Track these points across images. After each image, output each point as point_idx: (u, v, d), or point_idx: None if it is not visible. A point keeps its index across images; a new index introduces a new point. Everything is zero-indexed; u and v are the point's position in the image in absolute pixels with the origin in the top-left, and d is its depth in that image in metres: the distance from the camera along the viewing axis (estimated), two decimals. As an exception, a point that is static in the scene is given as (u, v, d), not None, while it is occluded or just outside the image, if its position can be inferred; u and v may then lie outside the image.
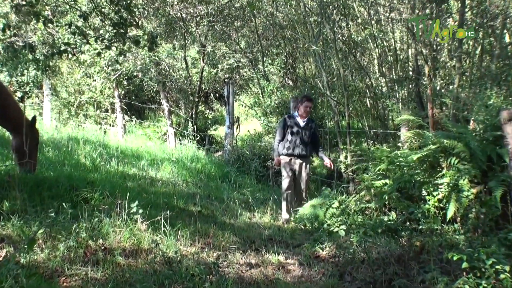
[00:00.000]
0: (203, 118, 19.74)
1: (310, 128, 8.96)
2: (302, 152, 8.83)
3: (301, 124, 8.88)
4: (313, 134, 9.00)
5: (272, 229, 7.85)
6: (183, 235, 6.19)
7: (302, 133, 8.85)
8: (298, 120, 8.92)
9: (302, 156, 8.84)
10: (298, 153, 8.81)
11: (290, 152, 8.82)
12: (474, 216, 5.93)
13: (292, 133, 8.86)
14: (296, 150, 8.80)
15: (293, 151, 8.81)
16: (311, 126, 8.99)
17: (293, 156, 8.83)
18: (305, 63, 18.96)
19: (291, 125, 8.89)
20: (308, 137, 8.89)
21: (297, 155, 8.82)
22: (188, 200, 8.67)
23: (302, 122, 8.90)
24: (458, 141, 6.34)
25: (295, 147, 8.81)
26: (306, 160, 8.93)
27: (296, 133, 8.85)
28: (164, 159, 11.90)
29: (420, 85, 10.58)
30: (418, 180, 6.73)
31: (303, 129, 8.87)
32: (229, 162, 12.95)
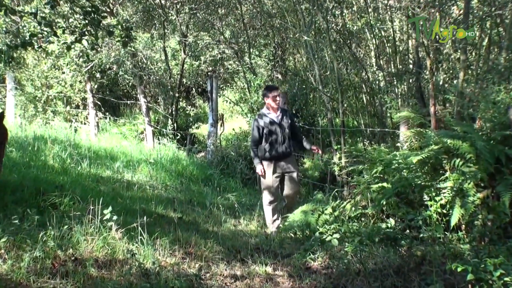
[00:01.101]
0: (184, 115, 19.66)
1: (287, 118, 8.59)
2: (287, 150, 8.49)
3: (276, 120, 8.50)
4: (291, 125, 8.66)
5: (259, 238, 7.84)
6: (161, 244, 6.16)
7: (281, 129, 8.48)
8: (271, 116, 8.53)
9: (287, 154, 8.52)
10: (283, 152, 8.46)
11: (273, 154, 8.45)
12: (481, 223, 5.94)
13: (270, 133, 8.46)
14: (279, 149, 8.44)
15: (277, 152, 8.45)
16: (287, 115, 8.64)
17: (278, 159, 8.48)
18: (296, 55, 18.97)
19: (265, 125, 8.47)
20: (288, 130, 8.54)
21: (282, 155, 8.47)
22: (168, 205, 8.65)
23: (276, 117, 8.53)
24: (463, 141, 6.34)
25: (278, 147, 8.44)
26: (291, 157, 8.65)
27: (274, 132, 8.46)
28: (141, 161, 11.86)
29: (421, 80, 10.61)
30: (418, 183, 6.73)
31: (280, 125, 8.50)
32: (213, 163, 12.93)
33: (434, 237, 5.89)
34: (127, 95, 21.57)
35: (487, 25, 9.91)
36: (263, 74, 18.48)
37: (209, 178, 11.71)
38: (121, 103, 20.00)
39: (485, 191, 6.18)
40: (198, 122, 20.24)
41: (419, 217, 6.14)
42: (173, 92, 18.03)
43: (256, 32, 18.56)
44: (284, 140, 8.48)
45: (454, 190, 6.21)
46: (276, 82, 16.72)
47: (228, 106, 19.10)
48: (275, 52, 18.62)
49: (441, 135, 6.80)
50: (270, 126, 8.46)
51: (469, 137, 6.39)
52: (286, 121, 8.56)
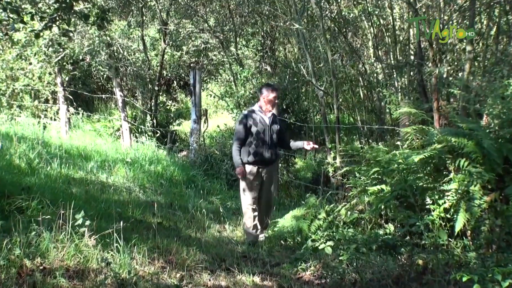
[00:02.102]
0: (164, 111, 19.64)
1: (277, 124, 8.30)
2: (272, 156, 8.19)
3: (267, 121, 8.18)
4: (280, 131, 8.37)
5: (246, 245, 7.83)
6: (139, 252, 6.13)
7: (269, 132, 8.14)
8: (261, 116, 8.20)
9: (272, 161, 8.25)
10: (268, 159, 8.14)
11: (258, 158, 8.07)
12: (488, 229, 5.95)
13: (258, 134, 8.08)
14: (265, 155, 8.10)
15: (262, 156, 8.09)
16: (277, 121, 8.35)
17: (261, 164, 8.13)
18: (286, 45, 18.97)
19: (255, 123, 8.12)
20: (276, 136, 8.22)
21: (267, 162, 8.16)
22: (146, 209, 8.62)
23: (267, 118, 8.21)
24: (468, 139, 6.35)
25: (263, 152, 8.09)
26: (275, 165, 8.64)
27: (262, 133, 8.10)
28: (117, 160, 11.82)
29: (423, 72, 10.63)
30: (420, 186, 6.75)
31: (270, 127, 8.17)
32: (195, 163, 12.91)
33: (437, 244, 5.90)
34: (101, 88, 21.51)
35: (495, 12, 9.95)
36: (251, 65, 18.44)
37: (192, 180, 11.69)
38: (95, 97, 19.93)
39: (492, 194, 6.19)
40: (180, 118, 20.20)
41: (420, 222, 6.13)
42: (152, 86, 18.01)
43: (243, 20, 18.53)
44: (271, 145, 8.16)
45: (459, 192, 6.23)
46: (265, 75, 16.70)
47: (213, 100, 19.13)
48: (263, 41, 18.61)
49: (445, 132, 6.82)
50: (259, 125, 8.10)
51: (475, 135, 6.41)
52: (276, 126, 8.25)
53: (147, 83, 18.29)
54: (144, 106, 17.99)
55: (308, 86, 14.31)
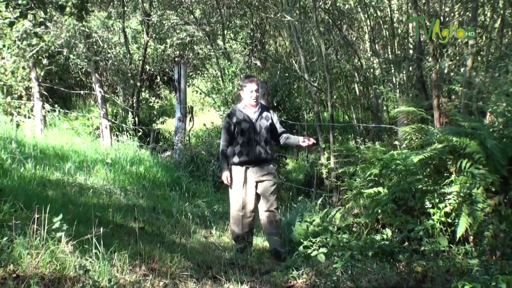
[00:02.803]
0: (147, 108, 19.63)
1: (266, 119, 8.12)
2: (261, 155, 7.99)
3: (252, 117, 8.07)
4: (272, 127, 8.17)
5: (234, 251, 7.82)
6: (120, 258, 6.10)
7: (256, 129, 8.01)
8: (246, 112, 8.11)
9: (261, 160, 8.01)
10: (255, 157, 7.97)
11: (243, 159, 7.97)
12: (491, 235, 5.95)
13: (243, 132, 8.00)
14: (251, 154, 7.96)
15: (248, 156, 7.96)
16: (268, 116, 8.16)
17: (249, 164, 7.99)
18: (277, 38, 19.00)
19: (238, 121, 8.04)
20: (266, 132, 8.04)
21: (254, 161, 7.98)
22: (127, 213, 8.59)
23: (253, 114, 8.09)
24: (471, 138, 6.35)
25: (249, 150, 7.96)
26: (269, 165, 8.13)
27: (247, 131, 8.00)
28: (96, 161, 11.79)
29: (423, 68, 10.65)
30: (419, 188, 6.75)
31: (256, 124, 8.04)
32: (180, 164, 12.90)
33: (437, 250, 5.90)
34: (80, 84, 21.48)
35: (499, 4, 9.97)
36: (239, 60, 18.48)
37: (176, 182, 11.67)
38: (72, 93, 19.86)
39: (496, 197, 6.20)
40: (164, 116, 20.17)
41: (420, 227, 6.14)
42: (134, 81, 17.98)
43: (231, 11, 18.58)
44: (259, 142, 8.00)
45: (460, 195, 6.23)
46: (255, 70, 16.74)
47: (199, 97, 19.10)
48: (253, 34, 18.65)
49: (446, 132, 6.82)
50: (242, 124, 8.02)
51: (478, 134, 6.41)
52: (265, 121, 8.08)
53: (129, 78, 18.26)
54: (126, 103, 17.96)
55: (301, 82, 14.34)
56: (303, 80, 12.99)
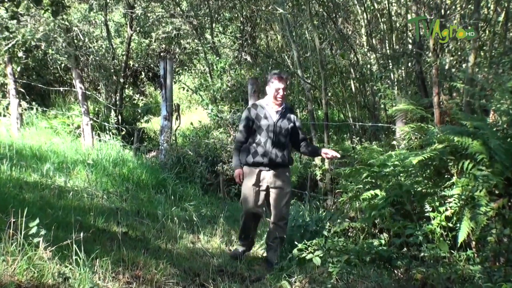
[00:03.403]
0: (130, 106, 19.59)
1: (289, 121, 7.81)
2: (277, 159, 7.66)
3: (273, 117, 7.74)
4: (293, 130, 7.85)
5: (223, 258, 7.82)
6: (102, 265, 6.09)
7: (276, 130, 7.69)
8: (268, 110, 7.79)
9: (276, 165, 7.70)
10: (271, 161, 7.65)
11: (258, 159, 7.69)
12: (495, 240, 5.98)
13: (261, 131, 7.71)
14: (266, 157, 7.65)
15: (263, 158, 7.66)
16: (290, 118, 7.84)
17: (263, 166, 7.70)
18: (269, 31, 18.99)
19: (258, 118, 7.75)
20: (285, 135, 7.75)
21: (269, 164, 7.67)
22: (110, 217, 8.57)
23: (275, 113, 7.77)
24: (473, 138, 6.38)
25: (265, 153, 7.65)
26: (284, 171, 7.83)
27: (266, 131, 7.69)
28: (77, 162, 11.75)
29: (423, 63, 10.67)
30: (419, 191, 6.77)
31: (277, 125, 7.72)
32: (166, 165, 12.87)
33: (438, 256, 5.92)
34: (59, 80, 21.38)
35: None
36: (228, 55, 18.46)
37: (162, 184, 11.64)
38: (51, 90, 19.79)
39: (500, 200, 6.22)
40: (148, 114, 20.15)
41: (419, 232, 6.16)
42: (117, 77, 17.95)
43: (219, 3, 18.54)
44: (277, 146, 7.70)
45: (462, 198, 6.25)
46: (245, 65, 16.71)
47: (186, 94, 19.06)
48: (243, 28, 18.63)
49: (447, 131, 6.84)
50: (262, 121, 7.73)
51: (481, 134, 6.43)
52: (286, 123, 7.78)
53: (111, 74, 18.23)
54: (108, 101, 17.93)
55: (294, 79, 14.33)
56: (296, 77, 13.00)
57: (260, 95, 10.44)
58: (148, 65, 21.40)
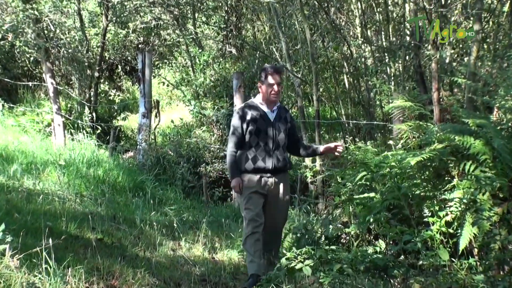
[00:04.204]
0: (106, 102, 19.57)
1: (285, 121, 7.46)
2: (279, 163, 7.28)
3: (270, 117, 7.35)
4: (291, 130, 7.52)
5: (206, 266, 7.80)
6: (74, 274, 6.07)
7: (274, 132, 7.29)
8: (263, 109, 7.37)
9: (278, 170, 7.31)
10: (273, 166, 7.23)
11: (259, 165, 7.23)
12: (499, 247, 5.99)
13: (259, 133, 7.25)
14: (268, 162, 7.23)
15: (265, 163, 7.22)
16: (286, 118, 7.49)
17: (264, 172, 7.25)
18: (255, 22, 19.00)
19: (253, 119, 7.27)
20: (284, 137, 7.36)
21: (271, 170, 7.24)
22: (83, 223, 8.54)
23: (271, 112, 7.38)
24: (475, 137, 6.39)
25: (266, 156, 7.23)
26: (285, 176, 7.49)
27: (264, 133, 7.25)
28: (47, 163, 11.73)
29: (422, 57, 10.69)
30: (417, 194, 6.78)
31: (274, 125, 7.33)
32: (145, 167, 12.87)
33: (437, 265, 5.93)
34: (27, 74, 21.35)
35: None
36: (212, 47, 18.46)
37: (140, 187, 11.63)
38: (19, 85, 19.74)
39: (504, 204, 6.24)
40: (126, 111, 20.12)
41: (417, 238, 6.16)
42: (92, 71, 17.91)
43: (203, -8, 18.54)
44: (277, 147, 7.31)
45: (463, 202, 6.26)
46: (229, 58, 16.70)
47: (166, 89, 19.03)
48: (227, 18, 18.63)
49: (447, 130, 6.85)
50: (259, 122, 7.27)
51: (484, 132, 6.44)
52: (283, 123, 7.42)
53: (85, 68, 18.20)
54: (82, 96, 17.90)
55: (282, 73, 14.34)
56: (285, 71, 13.01)
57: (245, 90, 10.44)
58: (125, 58, 21.41)
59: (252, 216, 7.15)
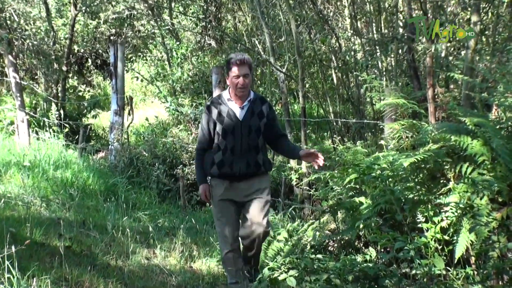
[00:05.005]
0: (75, 99, 19.52)
1: (260, 116, 7.05)
2: (249, 169, 6.99)
3: (238, 115, 6.98)
4: (267, 126, 7.10)
5: (183, 276, 7.81)
6: (40, 285, 6.07)
7: (243, 133, 6.93)
8: (231, 106, 7.01)
9: (248, 175, 7.02)
10: (242, 171, 6.96)
11: (225, 171, 6.97)
12: (497, 255, 6.01)
13: (225, 134, 6.93)
14: (236, 166, 6.95)
15: (231, 168, 6.95)
16: (261, 111, 7.08)
17: (232, 178, 7.01)
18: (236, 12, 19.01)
19: (220, 117, 6.98)
20: (257, 135, 7.00)
21: (240, 173, 6.97)
22: (50, 229, 8.53)
23: (240, 109, 6.99)
24: (473, 137, 6.41)
25: (234, 161, 6.94)
26: (261, 179, 7.16)
27: (231, 133, 6.93)
28: (10, 164, 11.70)
29: (416, 50, 10.72)
30: (410, 198, 6.80)
31: (243, 124, 6.95)
32: (117, 168, 12.85)
33: (432, 274, 5.95)
34: (-12, 68, 21.30)
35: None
36: (190, 39, 18.45)
37: (112, 190, 11.61)
38: (-21, 80, 19.72)
39: (504, 209, 6.25)
40: (96, 108, 20.08)
41: (410, 246, 6.17)
42: (59, 65, 17.86)
43: (180, -21, 18.54)
44: (248, 149, 6.97)
45: (460, 207, 6.28)
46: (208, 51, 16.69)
47: (140, 85, 19.02)
48: (206, 8, 18.62)
49: (443, 129, 6.87)
50: (225, 122, 6.95)
51: (482, 132, 6.46)
52: (257, 120, 7.01)
53: (52, 61, 18.14)
54: (48, 92, 17.85)
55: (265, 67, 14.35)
56: (268, 65, 13.01)
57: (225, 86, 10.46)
58: (96, 50, 21.37)
59: (223, 230, 7.05)
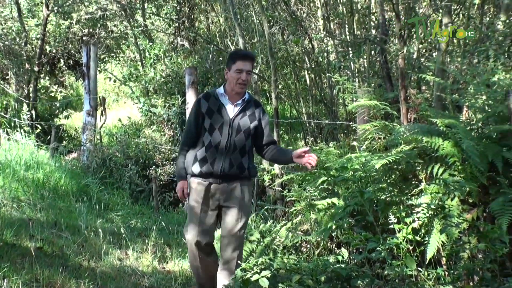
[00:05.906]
0: (47, 99, 19.42)
1: (252, 118, 6.70)
2: (231, 169, 6.58)
3: (230, 112, 6.63)
4: (258, 130, 6.75)
5: (156, 277, 7.80)
6: (11, 286, 6.05)
7: (232, 131, 6.58)
8: (223, 101, 6.66)
9: (230, 177, 6.62)
10: (223, 171, 6.55)
11: (205, 169, 6.56)
12: (468, 256, 6.04)
13: (212, 130, 6.57)
14: (217, 165, 6.55)
15: (213, 166, 6.55)
16: (254, 114, 6.74)
17: (213, 178, 6.59)
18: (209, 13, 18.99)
19: (209, 112, 6.63)
20: (246, 137, 6.66)
21: (221, 176, 6.57)
22: (21, 230, 8.49)
23: (233, 106, 6.65)
24: (444, 138, 6.44)
25: (216, 159, 6.55)
26: (243, 184, 6.76)
27: (219, 131, 6.58)
28: (-20, 165, 11.64)
29: (388, 51, 10.76)
30: (382, 199, 6.82)
31: (233, 122, 6.60)
32: (89, 169, 12.81)
33: (404, 274, 5.96)
34: (-43, 69, 21.17)
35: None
36: (163, 40, 18.41)
37: (84, 191, 11.57)
38: (-51, 80, 19.59)
39: (474, 210, 6.29)
40: (69, 109, 20.00)
41: (382, 246, 6.19)
42: (31, 65, 17.78)
43: (153, -20, 18.51)
44: (233, 149, 6.59)
45: (431, 208, 6.30)
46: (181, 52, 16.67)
47: (113, 86, 18.95)
48: (180, 9, 18.60)
49: (415, 130, 6.90)
50: (214, 117, 6.61)
51: (453, 133, 6.49)
52: (247, 120, 6.67)
53: (24, 61, 18.06)
54: (19, 93, 17.77)
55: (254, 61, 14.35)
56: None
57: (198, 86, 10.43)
58: (68, 51, 21.28)
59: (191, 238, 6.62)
